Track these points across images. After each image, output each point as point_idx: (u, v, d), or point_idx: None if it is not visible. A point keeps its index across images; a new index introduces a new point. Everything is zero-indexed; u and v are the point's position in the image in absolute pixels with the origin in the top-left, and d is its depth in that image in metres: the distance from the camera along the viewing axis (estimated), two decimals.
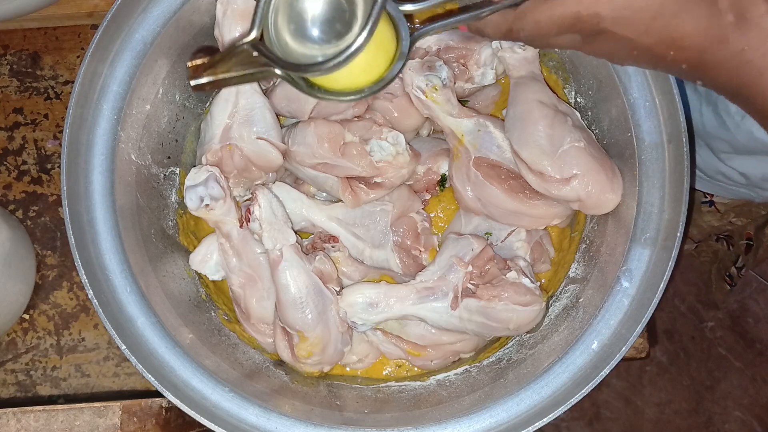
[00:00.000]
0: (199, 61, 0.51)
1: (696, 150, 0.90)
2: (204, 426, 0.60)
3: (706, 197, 1.06)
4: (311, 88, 0.51)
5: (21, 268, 0.79)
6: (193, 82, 0.51)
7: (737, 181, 0.90)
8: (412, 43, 0.52)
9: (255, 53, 0.49)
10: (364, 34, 0.46)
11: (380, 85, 0.51)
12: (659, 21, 0.48)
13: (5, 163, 0.84)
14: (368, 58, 0.50)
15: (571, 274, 0.70)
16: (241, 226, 0.68)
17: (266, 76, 0.50)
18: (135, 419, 0.68)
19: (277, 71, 0.49)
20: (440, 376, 0.70)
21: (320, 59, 0.48)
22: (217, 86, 0.51)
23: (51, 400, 0.79)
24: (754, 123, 0.60)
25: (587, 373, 0.60)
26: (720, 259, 1.27)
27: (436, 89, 0.68)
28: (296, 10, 0.49)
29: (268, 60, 0.49)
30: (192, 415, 0.60)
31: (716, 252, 1.26)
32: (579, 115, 0.69)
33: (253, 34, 0.49)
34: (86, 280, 0.61)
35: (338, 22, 0.49)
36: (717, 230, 1.15)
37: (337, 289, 0.68)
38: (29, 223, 0.83)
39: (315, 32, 0.49)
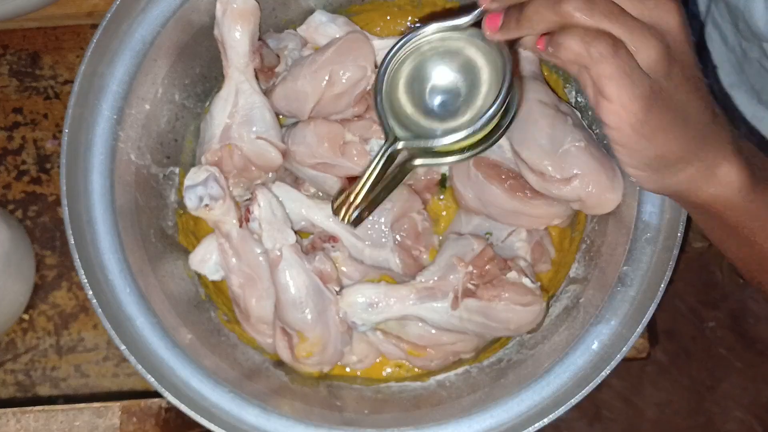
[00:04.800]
0: (341, 197, 0.53)
1: None
2: (203, 426, 0.60)
3: None
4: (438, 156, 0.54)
5: (20, 268, 0.78)
6: (350, 220, 0.54)
7: None
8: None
9: (397, 152, 0.51)
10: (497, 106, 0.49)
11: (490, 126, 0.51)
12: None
13: (4, 163, 0.84)
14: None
15: (571, 274, 0.70)
16: (240, 226, 0.67)
17: (407, 171, 0.53)
18: (134, 419, 0.68)
19: (418, 162, 0.53)
20: (440, 377, 0.70)
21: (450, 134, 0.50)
22: (371, 210, 0.55)
23: (50, 401, 0.79)
24: None
25: (588, 373, 0.60)
26: None
27: None
28: (415, 89, 0.52)
29: (415, 153, 0.52)
30: (191, 416, 0.60)
31: None
32: (579, 115, 0.69)
33: (392, 139, 0.51)
34: (85, 280, 0.61)
35: (459, 97, 0.52)
36: None
37: (337, 289, 0.68)
38: (28, 223, 0.83)
39: (436, 107, 0.52)
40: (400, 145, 0.51)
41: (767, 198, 0.50)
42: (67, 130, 0.63)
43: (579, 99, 0.72)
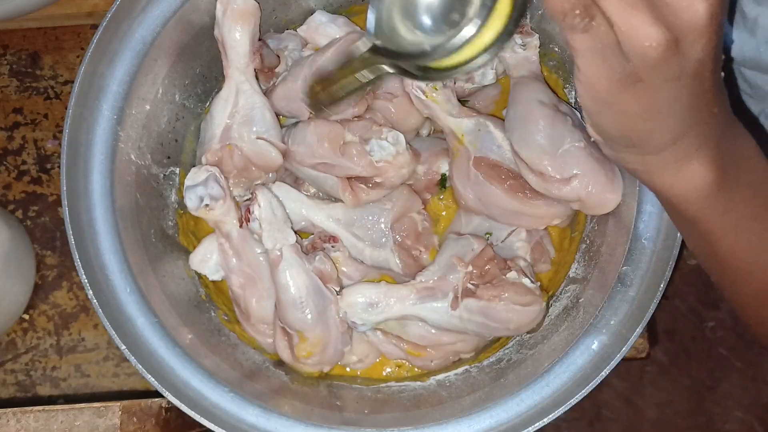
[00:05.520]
0: (317, 86, 0.51)
1: None
2: (204, 426, 0.60)
3: None
4: (427, 72, 0.48)
5: (20, 268, 0.78)
6: (311, 103, 0.53)
7: None
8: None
9: (370, 55, 0.47)
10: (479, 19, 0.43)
11: (497, 46, 0.45)
12: None
13: (5, 163, 0.84)
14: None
15: (571, 274, 0.70)
16: (240, 226, 0.67)
17: (380, 76, 0.48)
18: (135, 419, 0.68)
19: (389, 69, 0.48)
20: (440, 377, 0.70)
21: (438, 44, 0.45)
22: (334, 104, 0.52)
23: (51, 401, 0.79)
24: None
25: (588, 373, 0.60)
26: None
27: (436, 89, 0.68)
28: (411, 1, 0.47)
29: (388, 59, 0.47)
30: (191, 415, 0.60)
31: None
32: (579, 115, 0.69)
33: (371, 38, 0.47)
34: (86, 280, 0.61)
35: (453, 11, 0.46)
36: None
37: (337, 289, 0.68)
38: (29, 223, 0.83)
39: (427, 21, 0.46)
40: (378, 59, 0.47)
41: (729, 201, 0.49)
42: (67, 130, 0.63)
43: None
